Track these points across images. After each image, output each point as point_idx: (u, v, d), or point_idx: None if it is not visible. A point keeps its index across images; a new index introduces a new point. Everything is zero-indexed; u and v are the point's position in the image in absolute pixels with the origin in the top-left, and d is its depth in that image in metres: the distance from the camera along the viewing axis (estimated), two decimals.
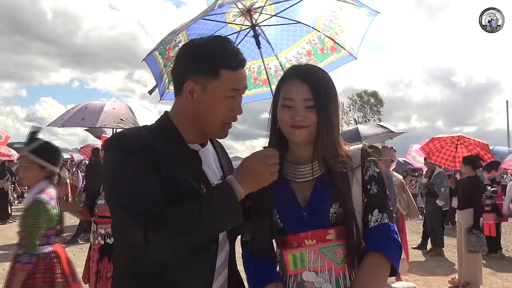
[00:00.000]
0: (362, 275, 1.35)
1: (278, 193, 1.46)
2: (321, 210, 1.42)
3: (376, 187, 1.44)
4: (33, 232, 2.72)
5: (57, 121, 7.19)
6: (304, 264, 1.42)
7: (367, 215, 1.42)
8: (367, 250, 1.38)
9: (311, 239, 1.43)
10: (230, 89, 1.38)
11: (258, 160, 1.33)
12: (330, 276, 1.40)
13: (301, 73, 1.47)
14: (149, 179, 1.28)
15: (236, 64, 1.39)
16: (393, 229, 1.41)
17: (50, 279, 2.75)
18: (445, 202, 7.92)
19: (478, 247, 5.54)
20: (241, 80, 1.41)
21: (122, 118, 6.94)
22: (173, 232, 1.23)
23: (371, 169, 1.46)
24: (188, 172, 1.37)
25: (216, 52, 1.37)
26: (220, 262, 1.43)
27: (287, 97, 1.44)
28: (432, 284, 6.07)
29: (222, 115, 1.40)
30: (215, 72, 1.35)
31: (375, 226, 1.40)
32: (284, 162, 1.51)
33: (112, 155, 1.34)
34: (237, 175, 1.34)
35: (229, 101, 1.39)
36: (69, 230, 7.71)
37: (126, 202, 1.27)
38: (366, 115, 49.72)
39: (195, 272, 1.35)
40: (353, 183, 1.44)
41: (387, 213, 1.42)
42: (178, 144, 1.41)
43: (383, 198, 1.44)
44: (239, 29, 3.22)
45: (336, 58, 3.19)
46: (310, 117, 1.41)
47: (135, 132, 1.38)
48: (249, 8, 3.06)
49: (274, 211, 1.47)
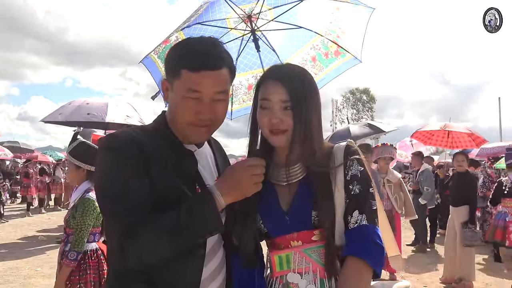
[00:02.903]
0: (343, 282, 1.31)
1: (263, 197, 1.43)
2: (303, 214, 1.39)
3: (358, 187, 1.38)
4: (82, 230, 2.86)
5: (55, 116, 7.05)
6: (290, 265, 1.40)
7: (347, 216, 1.38)
8: (345, 254, 1.34)
9: (297, 240, 1.41)
10: (186, 89, 1.33)
11: (242, 170, 1.29)
12: (314, 278, 1.38)
13: (277, 73, 1.44)
14: (138, 183, 1.26)
15: (197, 65, 1.31)
16: (373, 231, 1.35)
17: (98, 276, 2.91)
18: (427, 201, 7.97)
19: (473, 241, 5.57)
20: (200, 83, 1.32)
21: (128, 115, 6.92)
22: (147, 242, 1.22)
23: (354, 168, 1.41)
24: (183, 173, 1.36)
25: (182, 52, 1.36)
26: (214, 267, 1.41)
27: (264, 98, 1.41)
28: (426, 280, 6.10)
29: (183, 116, 1.36)
30: (177, 72, 1.34)
31: (354, 228, 1.35)
32: (271, 165, 1.48)
33: (103, 156, 1.33)
34: (219, 184, 1.31)
35: (188, 102, 1.34)
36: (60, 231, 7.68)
37: (109, 207, 1.27)
38: (359, 112, 49.88)
39: (182, 277, 1.33)
40: (335, 185, 1.39)
41: (366, 214, 1.36)
42: (174, 144, 1.40)
43: (364, 199, 1.38)
44: (242, 34, 3.22)
45: (341, 63, 3.18)
46: (287, 120, 1.37)
47: (129, 133, 1.36)
48: (249, 14, 3.07)
49: (257, 216, 1.45)
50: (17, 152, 19.27)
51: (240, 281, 1.45)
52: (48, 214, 13.76)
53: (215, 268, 1.42)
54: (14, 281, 5.85)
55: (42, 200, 14.99)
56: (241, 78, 3.54)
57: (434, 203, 8.31)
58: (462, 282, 5.67)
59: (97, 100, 7.41)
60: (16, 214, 13.59)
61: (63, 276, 2.79)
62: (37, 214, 13.45)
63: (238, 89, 3.57)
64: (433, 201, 8.14)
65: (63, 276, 2.79)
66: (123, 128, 1.44)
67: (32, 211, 13.46)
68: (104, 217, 1.33)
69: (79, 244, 2.84)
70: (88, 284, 2.86)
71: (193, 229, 1.24)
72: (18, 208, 15.41)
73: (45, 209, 14.64)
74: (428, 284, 5.90)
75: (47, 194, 15.52)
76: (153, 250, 1.23)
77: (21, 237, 9.24)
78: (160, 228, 1.22)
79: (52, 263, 6.32)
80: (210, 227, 1.28)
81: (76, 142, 3.07)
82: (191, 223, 1.23)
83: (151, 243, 1.22)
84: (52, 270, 5.10)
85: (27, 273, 6.24)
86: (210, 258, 1.40)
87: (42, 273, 6.20)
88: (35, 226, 10.76)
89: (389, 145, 6.14)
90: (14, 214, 13.56)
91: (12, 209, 15.02)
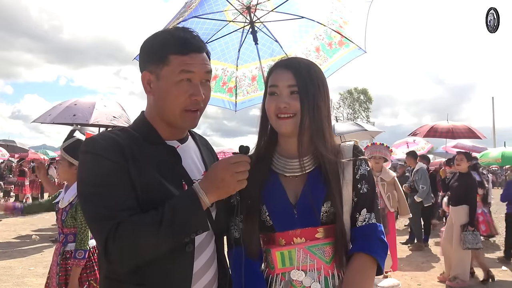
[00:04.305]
0: (352, 277, 1.34)
1: (268, 189, 1.44)
2: (313, 208, 1.39)
3: (366, 186, 1.43)
4: (86, 228, 2.87)
5: (45, 117, 7.03)
6: (293, 262, 1.41)
7: (355, 213, 1.42)
8: (355, 250, 1.37)
9: (300, 237, 1.41)
10: (179, 71, 1.34)
11: (226, 167, 1.28)
12: (319, 275, 1.39)
13: (286, 62, 1.48)
14: (118, 185, 1.26)
15: (187, 48, 1.35)
16: (380, 229, 1.40)
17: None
18: (423, 199, 8.03)
19: (474, 244, 5.58)
20: (192, 64, 1.35)
21: (114, 116, 6.87)
22: (130, 243, 1.21)
23: (363, 168, 1.45)
24: (167, 171, 1.35)
25: (166, 40, 1.37)
26: (205, 260, 1.41)
27: (272, 84, 1.45)
28: (420, 279, 6.12)
29: (178, 102, 1.35)
30: (164, 59, 1.34)
31: (363, 226, 1.40)
32: (274, 156, 1.49)
33: (83, 160, 1.32)
34: (203, 182, 1.31)
35: (182, 85, 1.35)
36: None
37: (91, 209, 1.27)
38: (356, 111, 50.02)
39: (171, 273, 1.33)
40: (344, 181, 1.42)
41: (375, 213, 1.41)
42: (155, 142, 1.40)
43: (372, 198, 1.43)
44: (242, 26, 3.20)
45: (346, 53, 3.15)
46: (294, 104, 1.40)
47: (109, 135, 1.35)
48: (248, 6, 3.05)
49: (263, 208, 1.44)
50: (12, 151, 19.15)
51: (247, 272, 1.42)
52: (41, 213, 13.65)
53: (206, 261, 1.42)
54: (7, 281, 5.80)
55: (35, 199, 14.88)
56: (244, 69, 3.49)
57: (431, 201, 8.37)
58: (457, 280, 5.70)
59: (86, 100, 7.37)
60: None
61: (75, 276, 2.82)
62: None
63: (242, 80, 3.51)
64: (429, 199, 8.19)
65: (75, 276, 2.82)
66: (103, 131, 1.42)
67: None
68: (87, 221, 1.32)
69: (85, 242, 2.87)
70: (98, 280, 2.87)
71: (177, 229, 1.23)
72: None
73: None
74: (422, 283, 5.92)
75: (40, 193, 15.43)
76: (136, 251, 1.22)
77: (15, 237, 9.16)
78: (143, 228, 1.21)
79: (46, 262, 6.27)
80: (195, 227, 1.27)
81: (72, 139, 3.06)
82: (175, 223, 1.22)
83: (135, 244, 1.21)
84: (46, 269, 5.06)
85: (20, 273, 6.19)
86: (201, 252, 1.40)
87: (36, 272, 6.16)
88: (28, 225, 10.67)
89: (380, 144, 6.10)
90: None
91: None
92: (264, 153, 1.51)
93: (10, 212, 3.36)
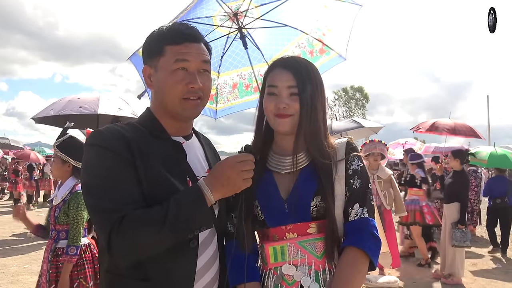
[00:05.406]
0: (342, 270, 1.34)
1: (261, 185, 1.45)
2: (302, 203, 1.40)
3: (359, 181, 1.44)
4: (78, 224, 2.89)
5: (46, 111, 6.91)
6: (284, 257, 1.42)
7: (348, 208, 1.42)
8: (347, 244, 1.38)
9: (292, 232, 1.42)
10: (174, 60, 1.36)
11: (232, 166, 1.30)
12: (309, 270, 1.40)
13: (285, 62, 1.48)
14: (123, 178, 1.26)
15: (181, 38, 1.37)
16: (372, 224, 1.40)
17: (93, 269, 2.95)
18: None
19: (462, 241, 5.63)
20: (186, 52, 1.37)
21: (120, 107, 6.87)
22: (134, 238, 1.21)
23: (355, 163, 1.46)
24: (172, 166, 1.36)
25: (161, 32, 1.41)
26: (208, 258, 1.41)
27: (272, 84, 1.46)
28: (415, 276, 6.16)
29: (176, 90, 1.37)
30: (160, 50, 1.38)
31: (355, 220, 1.40)
32: (269, 153, 1.51)
33: (88, 152, 1.32)
34: (208, 179, 1.31)
35: (178, 74, 1.36)
36: None
37: (94, 201, 1.26)
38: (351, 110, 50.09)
39: (174, 269, 1.33)
40: (336, 177, 1.43)
41: (367, 208, 1.42)
42: (161, 137, 1.41)
43: (364, 193, 1.43)
44: (228, 32, 3.21)
45: (326, 60, 3.23)
46: (293, 105, 1.42)
47: (115, 129, 1.35)
48: (235, 12, 3.06)
49: (255, 203, 1.46)
50: (6, 148, 19.02)
51: (235, 266, 1.44)
52: (37, 210, 13.60)
53: (208, 259, 1.42)
54: (2, 278, 5.78)
55: (30, 196, 14.81)
56: (225, 77, 3.52)
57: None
58: (451, 277, 5.74)
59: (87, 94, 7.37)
60: (4, 210, 13.42)
61: (66, 272, 2.82)
62: (26, 210, 13.26)
63: (223, 88, 3.55)
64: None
65: (67, 272, 2.82)
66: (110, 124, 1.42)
67: None
68: (90, 214, 1.31)
69: (77, 238, 2.87)
70: (88, 278, 2.89)
71: (181, 225, 1.23)
72: (6, 204, 15.21)
73: (33, 206, 14.48)
74: (417, 280, 5.96)
75: (35, 191, 15.36)
76: (140, 245, 1.22)
77: (9, 234, 9.13)
78: (148, 223, 1.21)
79: (41, 260, 6.23)
80: (199, 224, 1.28)
81: (66, 137, 3.06)
82: (179, 219, 1.22)
83: (138, 238, 1.21)
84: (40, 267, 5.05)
85: (15, 270, 6.17)
86: (204, 249, 1.40)
87: (31, 270, 6.14)
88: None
89: (378, 141, 6.12)
90: (2, 210, 13.40)
91: (1, 205, 14.84)
92: (259, 151, 1.52)
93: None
